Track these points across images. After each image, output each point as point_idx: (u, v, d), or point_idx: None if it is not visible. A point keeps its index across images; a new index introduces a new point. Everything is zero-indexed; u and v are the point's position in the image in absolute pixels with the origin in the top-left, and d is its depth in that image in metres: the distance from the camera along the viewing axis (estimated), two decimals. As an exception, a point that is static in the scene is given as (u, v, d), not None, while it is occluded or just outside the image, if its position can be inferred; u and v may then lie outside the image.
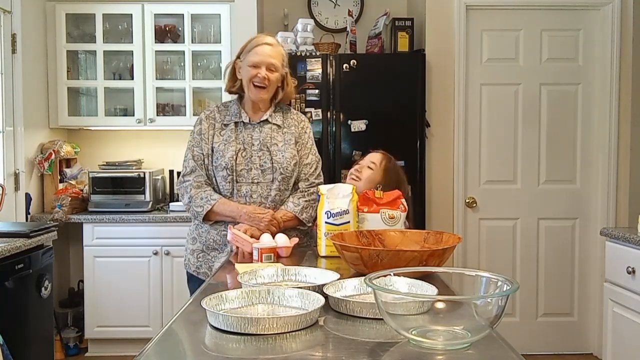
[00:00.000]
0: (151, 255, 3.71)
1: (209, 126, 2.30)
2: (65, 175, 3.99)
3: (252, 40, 2.27)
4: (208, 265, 2.32)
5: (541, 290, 3.93)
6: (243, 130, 2.28)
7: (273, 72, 2.24)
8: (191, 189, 2.26)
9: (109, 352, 3.76)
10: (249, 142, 2.27)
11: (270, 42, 2.25)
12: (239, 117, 2.29)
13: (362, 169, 2.36)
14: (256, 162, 2.25)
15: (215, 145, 2.27)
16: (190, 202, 2.26)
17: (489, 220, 3.91)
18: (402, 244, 1.79)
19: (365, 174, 2.34)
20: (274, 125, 2.30)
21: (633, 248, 2.55)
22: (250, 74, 2.22)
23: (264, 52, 2.22)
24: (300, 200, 2.27)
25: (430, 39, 3.83)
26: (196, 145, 2.30)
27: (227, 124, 2.29)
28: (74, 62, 4.11)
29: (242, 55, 2.28)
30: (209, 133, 2.29)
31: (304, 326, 1.15)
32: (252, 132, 2.28)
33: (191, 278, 2.39)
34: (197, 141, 2.30)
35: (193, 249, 2.35)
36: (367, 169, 2.35)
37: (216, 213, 2.24)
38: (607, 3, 3.79)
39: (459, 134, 3.84)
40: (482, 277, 1.15)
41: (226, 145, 2.25)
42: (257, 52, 2.22)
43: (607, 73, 3.80)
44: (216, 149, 2.26)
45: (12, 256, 2.59)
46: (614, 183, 3.82)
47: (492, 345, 1.06)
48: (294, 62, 3.60)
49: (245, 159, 2.24)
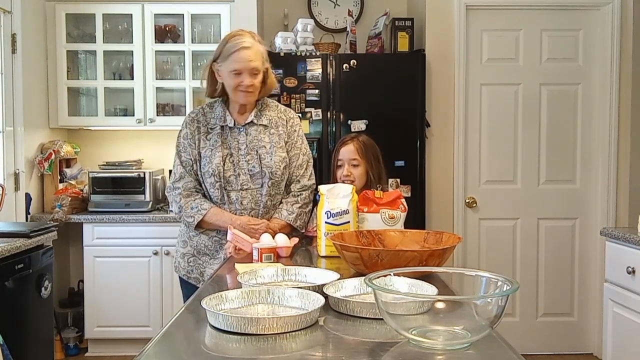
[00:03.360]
0: (151, 255, 3.71)
1: (195, 130, 2.24)
2: (65, 175, 3.99)
3: (229, 44, 2.15)
4: (199, 270, 2.27)
5: (541, 290, 3.93)
6: (229, 135, 2.23)
7: (256, 76, 2.17)
8: (180, 198, 2.21)
9: (109, 352, 3.76)
10: (236, 147, 2.21)
11: (248, 45, 2.14)
12: (224, 120, 2.23)
13: (349, 170, 2.38)
14: (244, 167, 2.20)
15: (202, 150, 2.22)
16: (180, 211, 2.22)
17: (489, 220, 3.91)
18: (402, 244, 1.79)
19: (355, 172, 2.37)
20: (260, 126, 2.25)
21: (633, 248, 2.55)
22: (234, 82, 2.15)
23: (244, 57, 2.12)
24: (294, 207, 2.24)
25: (430, 39, 3.83)
26: (183, 151, 2.24)
27: (213, 128, 2.23)
28: (74, 62, 4.11)
29: (220, 60, 2.17)
30: (195, 138, 2.23)
31: (304, 326, 1.15)
32: (239, 135, 2.23)
33: (183, 281, 2.35)
34: (184, 146, 2.24)
35: (184, 252, 2.30)
36: (353, 167, 2.38)
37: (208, 223, 2.20)
38: (607, 3, 3.79)
39: (459, 134, 3.84)
40: (482, 277, 1.15)
41: (213, 151, 2.19)
42: (236, 59, 2.13)
43: (607, 73, 3.80)
44: (203, 155, 2.21)
45: (12, 256, 2.59)
46: (614, 183, 3.82)
47: (492, 345, 1.06)
48: (294, 62, 3.61)
49: (233, 164, 2.19)
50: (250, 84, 2.15)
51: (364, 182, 2.38)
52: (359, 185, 2.31)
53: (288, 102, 3.57)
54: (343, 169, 2.39)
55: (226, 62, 2.15)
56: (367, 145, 2.40)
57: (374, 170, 2.38)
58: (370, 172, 2.38)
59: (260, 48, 2.19)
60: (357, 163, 2.37)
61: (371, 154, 2.40)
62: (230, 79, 2.16)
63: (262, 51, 2.19)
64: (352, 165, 2.37)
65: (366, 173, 2.37)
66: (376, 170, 2.39)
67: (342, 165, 2.40)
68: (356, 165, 2.37)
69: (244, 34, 2.19)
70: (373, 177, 2.37)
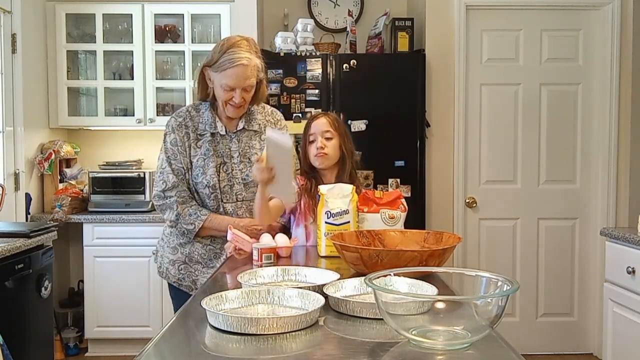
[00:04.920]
0: (151, 255, 3.68)
1: (184, 136, 2.14)
2: (65, 175, 3.99)
3: (226, 55, 2.04)
4: (191, 279, 2.21)
5: (541, 290, 3.93)
6: (220, 142, 2.16)
7: (249, 92, 2.11)
8: (177, 205, 2.12)
9: (109, 352, 3.76)
10: (228, 155, 2.16)
11: (246, 63, 2.03)
12: (214, 127, 2.16)
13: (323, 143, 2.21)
14: (238, 177, 2.16)
15: (193, 159, 2.14)
16: (178, 219, 2.12)
17: (489, 220, 3.91)
18: (402, 244, 1.79)
19: (330, 145, 2.21)
20: (251, 132, 2.21)
21: (633, 248, 2.55)
22: (224, 96, 2.08)
23: (240, 75, 2.04)
24: None
25: (430, 39, 3.83)
26: (173, 158, 2.13)
27: (203, 134, 2.15)
28: (74, 62, 4.11)
29: (213, 69, 2.08)
30: (185, 145, 2.14)
31: (304, 326, 1.15)
32: (230, 143, 2.17)
33: (172, 287, 2.27)
34: (174, 153, 2.13)
35: (173, 259, 2.22)
36: (327, 140, 2.21)
37: (208, 228, 2.13)
38: (607, 3, 3.79)
39: (459, 134, 3.84)
40: (482, 277, 1.15)
41: (205, 161, 2.12)
42: (231, 75, 2.04)
43: (607, 73, 3.80)
44: (195, 165, 2.13)
45: (12, 256, 2.59)
46: (614, 183, 3.82)
47: (492, 345, 1.06)
48: (294, 62, 3.61)
49: (227, 174, 2.14)
50: (241, 100, 2.09)
51: (338, 156, 2.24)
52: (333, 159, 2.21)
53: (288, 102, 3.57)
54: (316, 143, 2.21)
55: (220, 75, 2.07)
56: (337, 120, 2.28)
57: (346, 144, 2.24)
58: (344, 147, 2.23)
59: (257, 62, 2.09)
60: (331, 136, 2.21)
61: (342, 127, 2.27)
62: (221, 92, 2.09)
63: (258, 64, 2.10)
64: (326, 138, 2.21)
65: (340, 147, 2.23)
66: (348, 145, 2.25)
67: (315, 140, 2.22)
68: (329, 139, 2.21)
69: (242, 45, 2.07)
70: (346, 152, 2.24)
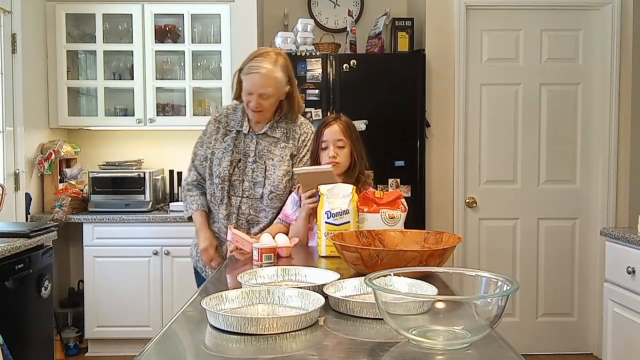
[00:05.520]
0: (151, 255, 3.71)
1: (215, 130, 2.35)
2: (65, 175, 3.99)
3: (251, 62, 2.21)
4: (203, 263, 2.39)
5: (541, 290, 3.93)
6: (242, 140, 2.31)
7: (266, 99, 2.21)
8: (185, 190, 2.43)
9: (109, 352, 3.76)
10: (246, 153, 2.30)
11: (264, 72, 2.18)
12: (241, 126, 2.32)
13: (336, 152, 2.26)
14: (249, 175, 2.28)
15: (216, 151, 2.32)
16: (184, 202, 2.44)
17: (489, 220, 3.91)
18: (402, 244, 1.79)
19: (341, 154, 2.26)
20: (272, 138, 2.31)
21: (633, 248, 2.55)
22: (245, 99, 2.24)
23: (255, 82, 2.18)
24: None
25: (430, 39, 3.83)
26: (200, 145, 2.39)
27: (231, 131, 2.33)
28: (74, 62, 4.11)
29: (243, 72, 2.25)
30: (212, 137, 2.35)
31: (304, 326, 1.15)
32: (250, 142, 2.31)
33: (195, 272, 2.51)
34: (202, 141, 2.39)
35: (195, 242, 2.43)
36: (339, 149, 2.26)
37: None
38: (607, 3, 3.79)
39: (459, 134, 3.84)
40: (482, 277, 1.15)
41: (224, 154, 2.29)
42: (249, 80, 2.20)
43: (607, 73, 3.80)
44: (215, 156, 2.31)
45: (12, 256, 2.58)
46: (614, 183, 3.82)
47: (492, 345, 1.06)
48: (294, 62, 3.59)
49: (240, 169, 2.29)
50: (257, 106, 2.21)
51: (349, 163, 2.30)
52: (344, 166, 2.26)
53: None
54: (329, 151, 2.26)
55: (244, 78, 2.23)
56: (349, 125, 2.32)
57: (357, 149, 2.30)
58: (354, 153, 2.29)
59: (277, 75, 2.20)
60: (343, 144, 2.27)
61: (354, 133, 2.32)
62: (244, 94, 2.25)
63: (279, 78, 2.21)
64: (338, 147, 2.26)
65: (350, 154, 2.29)
66: (358, 149, 2.31)
67: (327, 147, 2.27)
68: (342, 147, 2.27)
69: (268, 56, 2.21)
70: (356, 157, 2.30)
